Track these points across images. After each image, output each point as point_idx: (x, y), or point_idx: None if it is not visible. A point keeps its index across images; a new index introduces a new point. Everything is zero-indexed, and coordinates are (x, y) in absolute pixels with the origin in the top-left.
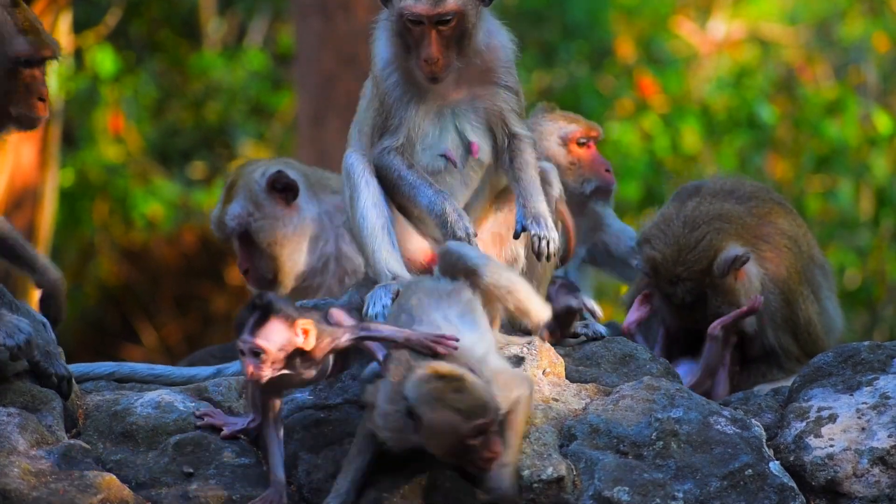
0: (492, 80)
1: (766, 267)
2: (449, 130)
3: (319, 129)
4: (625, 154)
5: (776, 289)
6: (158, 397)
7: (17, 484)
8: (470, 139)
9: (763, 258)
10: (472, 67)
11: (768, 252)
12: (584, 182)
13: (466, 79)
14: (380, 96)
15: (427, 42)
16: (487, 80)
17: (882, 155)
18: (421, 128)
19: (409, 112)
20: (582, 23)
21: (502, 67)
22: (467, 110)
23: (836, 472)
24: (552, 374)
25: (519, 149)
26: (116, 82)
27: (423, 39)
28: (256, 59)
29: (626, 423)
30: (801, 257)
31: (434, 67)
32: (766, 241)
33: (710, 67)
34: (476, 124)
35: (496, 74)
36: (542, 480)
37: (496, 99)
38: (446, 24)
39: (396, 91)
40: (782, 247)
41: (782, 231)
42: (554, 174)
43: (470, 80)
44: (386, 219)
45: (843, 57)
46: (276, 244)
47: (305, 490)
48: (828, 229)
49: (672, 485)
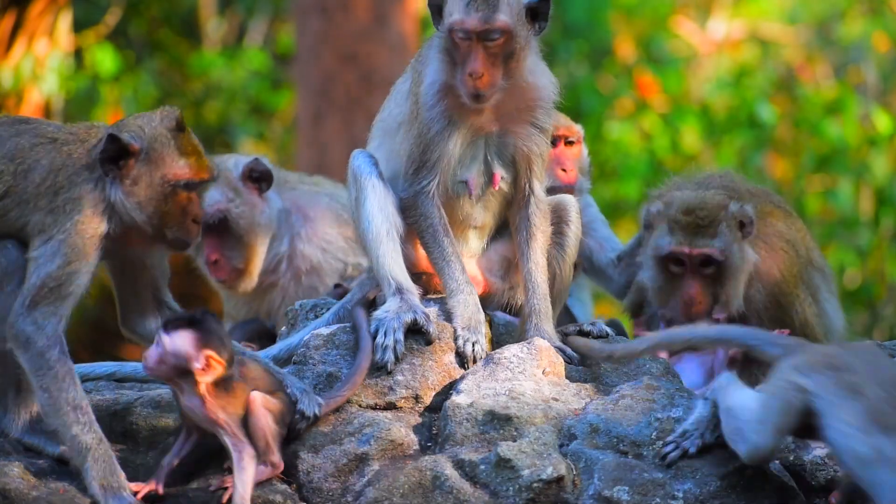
0: (529, 119)
1: (757, 265)
2: (477, 160)
3: (319, 128)
4: (625, 154)
5: (764, 288)
6: (158, 397)
7: (17, 483)
8: (494, 171)
9: (757, 255)
10: (512, 101)
11: (763, 251)
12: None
13: (505, 111)
14: (419, 126)
15: (473, 57)
16: (525, 118)
17: (882, 154)
18: (454, 158)
19: (448, 145)
20: (582, 22)
21: (541, 108)
22: (499, 143)
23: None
24: (552, 373)
25: (533, 213)
26: (116, 81)
27: (470, 55)
28: (256, 59)
29: (626, 423)
30: (799, 261)
31: (478, 83)
32: (763, 241)
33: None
34: (504, 158)
35: (534, 114)
36: (541, 480)
37: (528, 140)
38: (493, 40)
39: (439, 123)
40: (778, 248)
41: (780, 233)
42: (574, 210)
43: (509, 113)
44: (391, 224)
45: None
46: (253, 232)
47: (305, 490)
48: (828, 229)
49: (672, 484)
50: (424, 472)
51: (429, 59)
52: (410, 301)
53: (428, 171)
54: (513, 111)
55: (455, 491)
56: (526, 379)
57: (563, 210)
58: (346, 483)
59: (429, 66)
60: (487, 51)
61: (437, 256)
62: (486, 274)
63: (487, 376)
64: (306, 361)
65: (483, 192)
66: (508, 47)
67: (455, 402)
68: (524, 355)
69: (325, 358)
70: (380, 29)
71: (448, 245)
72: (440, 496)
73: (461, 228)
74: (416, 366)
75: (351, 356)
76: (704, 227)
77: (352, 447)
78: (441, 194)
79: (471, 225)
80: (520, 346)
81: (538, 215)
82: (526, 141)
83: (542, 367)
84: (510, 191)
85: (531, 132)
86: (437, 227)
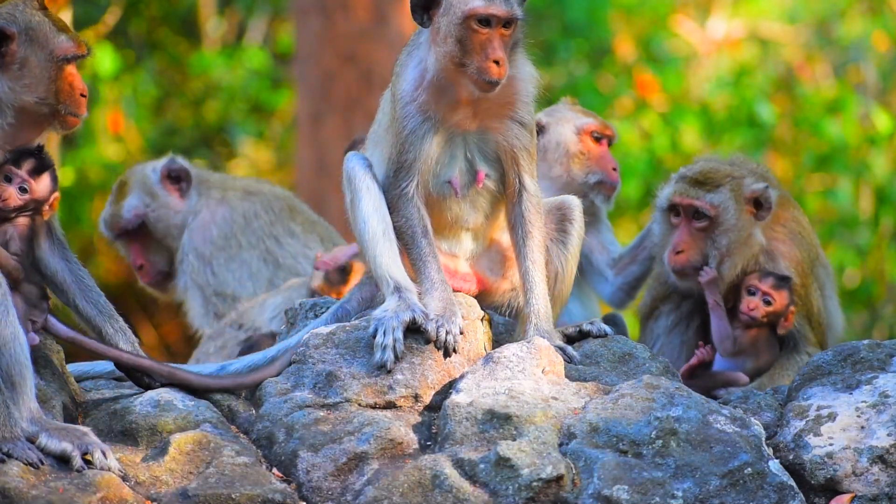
0: (508, 114)
1: (779, 248)
2: (458, 159)
3: (319, 127)
4: (624, 153)
5: (790, 269)
6: (158, 396)
7: (17, 482)
8: (478, 169)
9: (776, 238)
10: (489, 97)
11: (782, 235)
12: (589, 173)
13: (483, 108)
14: (396, 126)
15: (495, 44)
16: (504, 113)
17: (881, 154)
18: (432, 158)
19: (424, 145)
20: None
21: (521, 101)
22: (479, 141)
23: (836, 471)
24: (551, 372)
25: (527, 208)
26: (116, 81)
27: (491, 42)
28: (256, 58)
29: (626, 422)
30: (811, 249)
31: (502, 70)
32: (783, 226)
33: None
34: (486, 155)
35: (514, 108)
36: (541, 479)
37: (509, 135)
38: (510, 28)
39: (412, 122)
40: (796, 232)
41: (798, 221)
42: (578, 210)
43: (487, 109)
44: (387, 224)
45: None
46: (171, 235)
47: (305, 489)
48: (827, 228)
49: (671, 483)
50: (424, 471)
51: (408, 62)
52: (409, 300)
53: (406, 171)
54: (492, 106)
55: (454, 490)
56: (525, 378)
57: (567, 209)
58: (346, 482)
59: (407, 67)
60: (503, 39)
61: (414, 257)
62: (486, 273)
63: (487, 375)
64: (305, 361)
65: (468, 192)
66: (516, 36)
67: (454, 401)
68: (524, 354)
69: (325, 357)
70: (380, 29)
71: (425, 246)
72: (440, 495)
73: (453, 230)
74: (416, 365)
75: (351, 355)
76: (703, 184)
77: (351, 446)
78: (422, 195)
79: (462, 226)
80: (519, 345)
81: (532, 211)
82: (507, 136)
83: (541, 366)
84: (498, 188)
85: (510, 126)
86: (415, 228)
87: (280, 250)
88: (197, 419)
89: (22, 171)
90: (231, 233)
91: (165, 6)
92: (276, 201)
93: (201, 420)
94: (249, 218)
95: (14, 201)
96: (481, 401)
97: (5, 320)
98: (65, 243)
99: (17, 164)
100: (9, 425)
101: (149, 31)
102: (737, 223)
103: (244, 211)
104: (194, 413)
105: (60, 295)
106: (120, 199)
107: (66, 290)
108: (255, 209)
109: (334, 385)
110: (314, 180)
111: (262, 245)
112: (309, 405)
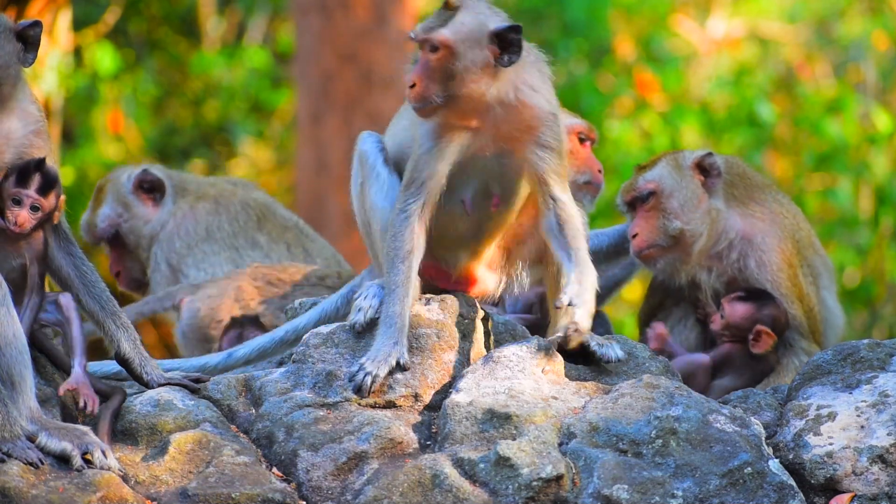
0: (529, 138)
1: (757, 226)
2: (473, 181)
3: (319, 127)
4: (624, 152)
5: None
6: (157, 395)
7: (17, 482)
8: (493, 192)
9: (753, 216)
10: (509, 122)
11: (758, 212)
12: (577, 173)
13: (503, 133)
14: (414, 144)
15: (416, 66)
16: (524, 137)
17: (882, 153)
18: (446, 177)
19: (437, 166)
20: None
21: (544, 125)
22: (497, 165)
23: (836, 471)
24: (551, 372)
25: (568, 214)
26: (116, 80)
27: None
28: (256, 57)
29: (626, 422)
30: (797, 231)
31: (409, 91)
32: (759, 204)
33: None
34: (504, 178)
35: (535, 132)
36: (541, 478)
37: (532, 159)
38: (433, 53)
39: (428, 142)
40: (776, 212)
41: (777, 199)
42: (585, 221)
43: (507, 134)
44: None
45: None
46: (142, 246)
47: (304, 488)
48: (827, 228)
49: (671, 483)
50: (424, 470)
51: None
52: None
53: (416, 188)
54: (513, 132)
55: (454, 489)
56: (525, 377)
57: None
58: (346, 481)
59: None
60: (429, 63)
61: (387, 281)
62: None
63: (487, 375)
64: (305, 360)
65: (481, 213)
66: (448, 64)
67: (454, 401)
68: (523, 354)
69: (325, 357)
70: (379, 28)
71: (403, 272)
72: (439, 495)
73: (456, 242)
74: (416, 364)
75: (351, 355)
76: (641, 169)
77: (351, 445)
78: (425, 215)
79: (466, 240)
80: (519, 344)
81: (573, 218)
82: (531, 161)
83: (541, 366)
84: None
85: (533, 150)
86: (399, 251)
87: (241, 261)
88: (197, 418)
89: (30, 190)
90: (194, 243)
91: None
92: (244, 211)
93: (201, 419)
94: (212, 230)
95: (29, 223)
96: (481, 400)
97: (5, 320)
98: (71, 238)
99: (23, 183)
100: (8, 425)
101: (149, 30)
102: (682, 189)
103: (208, 224)
104: (194, 412)
105: (65, 289)
106: (96, 207)
107: (70, 284)
108: (218, 221)
109: (334, 384)
110: (314, 180)
111: (224, 254)
112: (309, 405)
